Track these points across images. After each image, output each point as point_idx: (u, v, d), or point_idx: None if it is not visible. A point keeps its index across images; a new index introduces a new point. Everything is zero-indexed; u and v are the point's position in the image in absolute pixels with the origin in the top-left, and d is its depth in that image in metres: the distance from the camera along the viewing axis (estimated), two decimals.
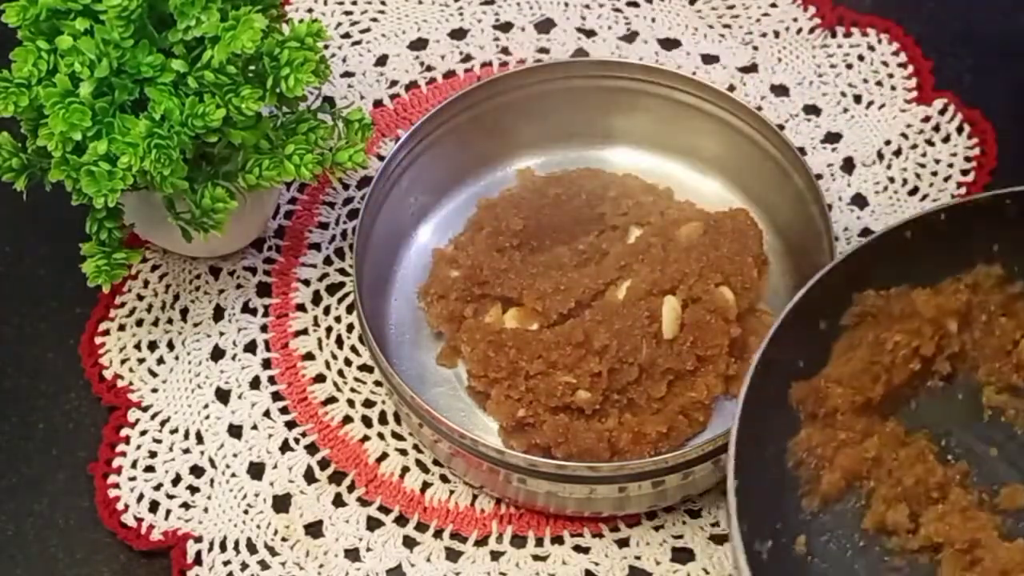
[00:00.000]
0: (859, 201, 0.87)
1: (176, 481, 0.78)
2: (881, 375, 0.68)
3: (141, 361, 0.82)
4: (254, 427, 0.80)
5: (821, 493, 0.67)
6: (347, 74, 0.93)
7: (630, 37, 0.95)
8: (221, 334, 0.83)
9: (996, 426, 0.70)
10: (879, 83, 0.92)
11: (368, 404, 0.80)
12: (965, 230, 0.68)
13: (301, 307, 0.84)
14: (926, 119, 0.90)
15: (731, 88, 0.91)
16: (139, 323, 0.83)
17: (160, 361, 0.82)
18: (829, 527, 0.67)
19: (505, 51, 0.94)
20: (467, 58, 0.94)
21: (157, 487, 0.77)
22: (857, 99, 0.91)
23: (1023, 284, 0.70)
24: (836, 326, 0.68)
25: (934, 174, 0.88)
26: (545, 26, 0.96)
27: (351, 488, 0.77)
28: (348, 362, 0.82)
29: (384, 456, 0.79)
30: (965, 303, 0.69)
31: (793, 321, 0.66)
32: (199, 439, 0.79)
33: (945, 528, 0.66)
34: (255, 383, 0.81)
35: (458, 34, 0.95)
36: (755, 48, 0.94)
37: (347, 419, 0.80)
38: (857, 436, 0.67)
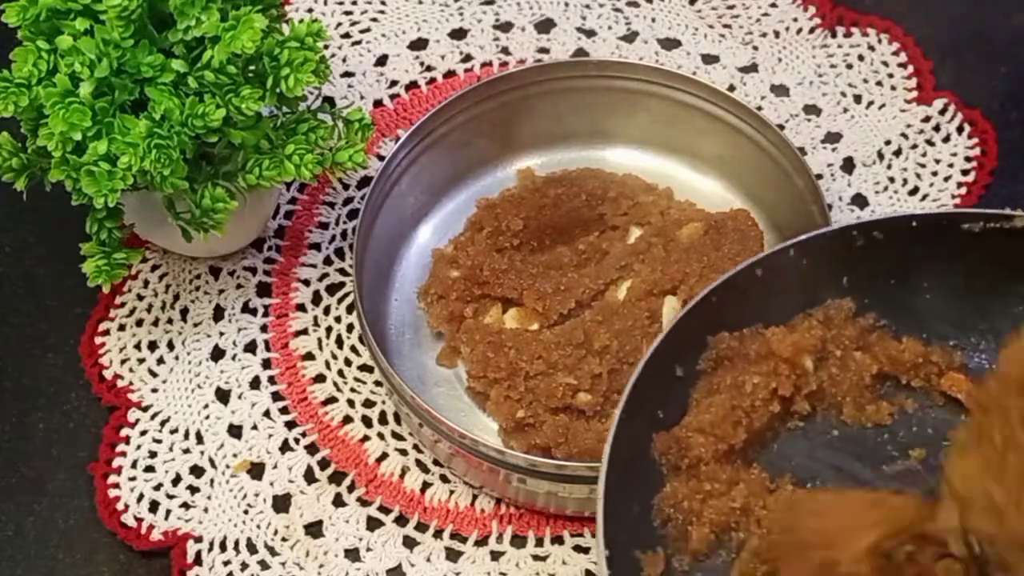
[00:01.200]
0: (859, 201, 0.87)
1: (176, 481, 0.78)
2: (742, 420, 0.66)
3: (141, 361, 0.82)
4: (254, 427, 0.80)
5: (691, 550, 0.65)
6: (347, 74, 0.93)
7: (630, 37, 0.95)
8: (221, 334, 0.83)
9: (863, 464, 0.68)
10: (879, 83, 0.92)
11: (368, 404, 0.80)
12: (815, 264, 0.68)
13: (301, 307, 0.84)
14: (926, 119, 0.90)
15: (731, 88, 0.91)
16: (139, 323, 0.83)
17: (160, 361, 0.82)
18: None
19: (505, 51, 0.94)
20: (467, 58, 0.94)
21: (157, 487, 0.77)
22: (857, 99, 0.91)
23: (874, 316, 0.70)
24: (693, 372, 0.67)
25: (934, 174, 0.88)
26: (545, 26, 0.96)
27: (351, 488, 0.77)
28: (348, 362, 0.82)
29: (384, 456, 0.79)
30: (819, 339, 0.68)
31: (650, 370, 0.64)
32: (199, 439, 0.79)
33: None
34: (255, 383, 0.81)
35: (458, 34, 0.95)
36: (755, 48, 0.94)
37: (347, 419, 0.80)
38: (723, 487, 0.66)
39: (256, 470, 0.78)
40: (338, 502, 0.77)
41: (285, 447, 0.79)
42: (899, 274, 0.70)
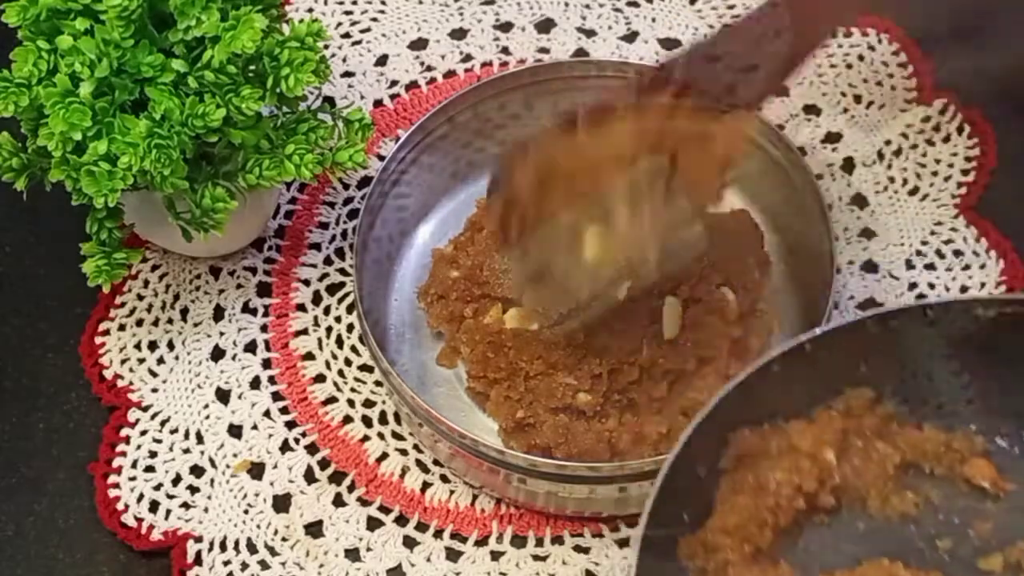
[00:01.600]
0: (859, 201, 0.87)
1: (176, 481, 0.78)
2: (767, 519, 0.65)
3: (141, 361, 0.82)
4: (254, 427, 0.80)
5: None
6: (347, 74, 0.93)
7: (630, 37, 0.95)
8: (221, 334, 0.83)
9: (890, 558, 0.66)
10: (879, 83, 0.92)
11: (368, 404, 0.80)
12: (831, 356, 0.67)
13: (301, 307, 0.84)
14: (926, 119, 0.90)
15: None
16: (139, 323, 0.83)
17: (160, 361, 0.82)
18: None
19: (505, 51, 0.94)
20: (467, 58, 0.94)
21: (157, 487, 0.77)
22: (857, 99, 0.91)
23: (894, 404, 0.69)
24: (715, 471, 0.66)
25: (934, 174, 0.88)
26: (545, 26, 0.96)
27: (351, 488, 0.77)
28: (348, 362, 0.82)
29: (384, 456, 0.79)
30: (840, 430, 0.67)
31: (674, 474, 0.63)
32: (199, 439, 0.79)
33: None
34: (255, 383, 0.81)
35: (458, 34, 0.95)
36: None
37: (347, 419, 0.80)
38: None
39: (256, 470, 0.78)
40: (338, 502, 0.77)
41: (285, 447, 0.79)
42: (916, 361, 0.69)
